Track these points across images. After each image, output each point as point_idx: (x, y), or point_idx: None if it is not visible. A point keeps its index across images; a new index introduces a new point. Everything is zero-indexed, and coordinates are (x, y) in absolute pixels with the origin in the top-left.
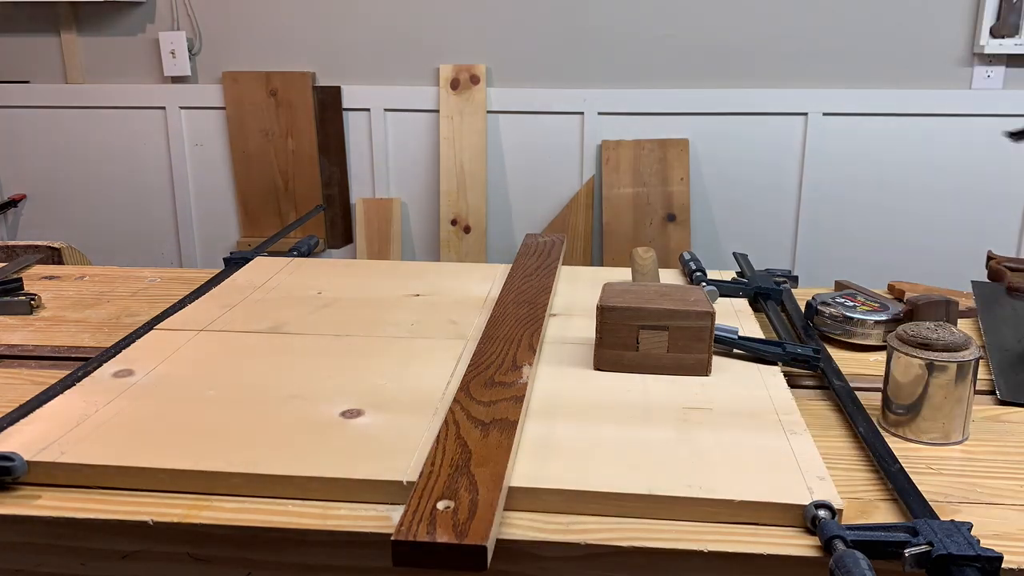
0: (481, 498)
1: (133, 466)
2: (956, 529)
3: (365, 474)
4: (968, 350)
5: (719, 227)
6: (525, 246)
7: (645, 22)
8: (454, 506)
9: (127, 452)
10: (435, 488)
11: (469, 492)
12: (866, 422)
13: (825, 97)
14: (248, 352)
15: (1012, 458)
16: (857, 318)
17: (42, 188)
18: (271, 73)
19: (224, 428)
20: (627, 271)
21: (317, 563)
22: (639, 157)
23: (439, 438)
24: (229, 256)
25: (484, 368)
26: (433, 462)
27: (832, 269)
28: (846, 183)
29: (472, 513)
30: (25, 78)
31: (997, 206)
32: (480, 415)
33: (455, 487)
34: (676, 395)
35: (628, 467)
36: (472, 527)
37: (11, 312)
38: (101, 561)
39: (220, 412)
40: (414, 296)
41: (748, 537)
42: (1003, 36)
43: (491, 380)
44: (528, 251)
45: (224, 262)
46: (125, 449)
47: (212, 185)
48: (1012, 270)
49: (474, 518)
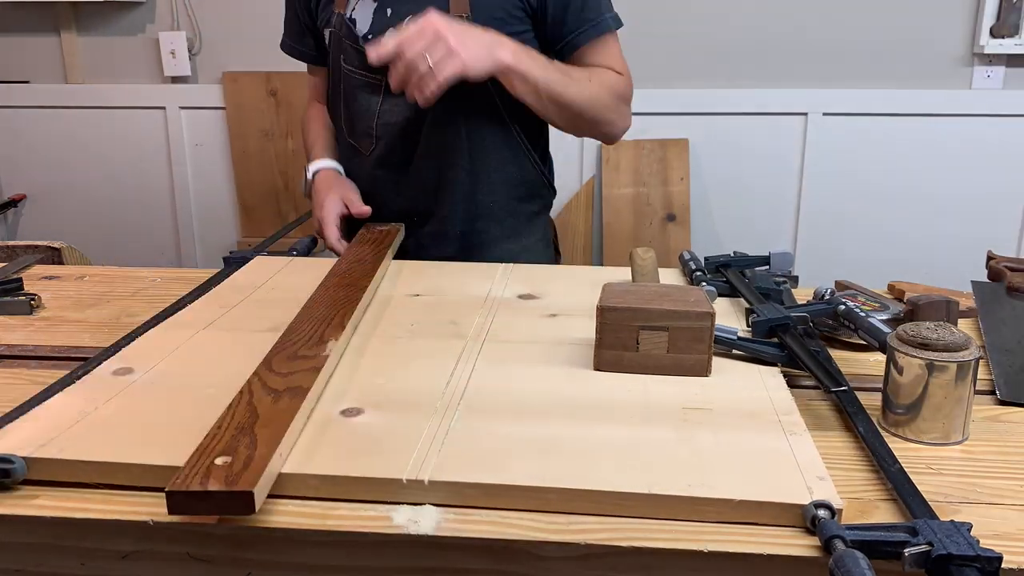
0: (258, 453)
1: (133, 463)
2: (956, 529)
3: (365, 472)
4: (968, 350)
5: (719, 227)
6: (360, 235)
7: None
8: (231, 460)
9: (127, 449)
10: (216, 447)
11: (248, 449)
12: (866, 422)
13: (825, 97)
14: (248, 352)
15: (1012, 458)
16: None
17: (42, 188)
18: (271, 73)
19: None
20: (627, 271)
21: (317, 563)
22: (639, 157)
23: (230, 405)
24: (229, 256)
25: (290, 345)
26: (220, 425)
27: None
28: (846, 183)
29: (246, 465)
30: (25, 78)
31: (997, 206)
32: (275, 384)
33: (235, 445)
34: (676, 395)
35: (628, 467)
36: (244, 477)
37: (11, 312)
38: (101, 561)
39: (220, 410)
40: (414, 296)
41: (748, 537)
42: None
43: (294, 354)
44: (363, 239)
45: (224, 262)
46: (125, 446)
47: (212, 185)
48: (1012, 270)
49: (247, 469)
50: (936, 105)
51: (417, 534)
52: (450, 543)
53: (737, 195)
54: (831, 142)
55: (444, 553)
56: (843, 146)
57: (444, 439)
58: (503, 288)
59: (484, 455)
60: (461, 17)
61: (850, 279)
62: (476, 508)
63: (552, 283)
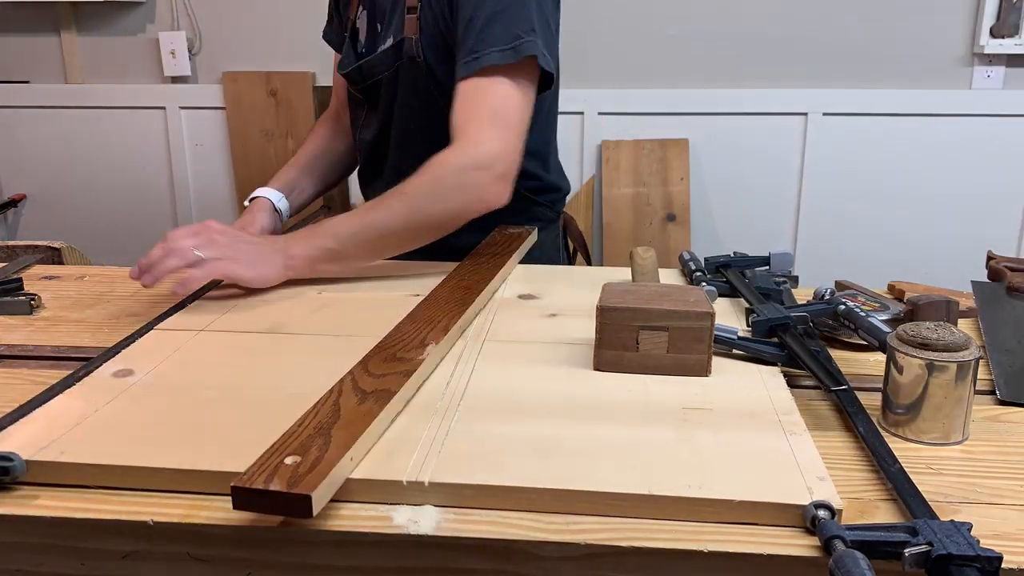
0: (327, 456)
1: (133, 465)
2: (956, 529)
3: (365, 474)
4: (968, 350)
5: (719, 227)
6: (491, 236)
7: (645, 22)
8: (300, 461)
9: (127, 452)
10: (290, 446)
11: (319, 450)
12: (866, 422)
13: (825, 97)
14: (248, 352)
15: (1012, 458)
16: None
17: (42, 188)
18: (271, 73)
19: (224, 428)
20: (627, 271)
21: (317, 563)
22: (639, 157)
23: (316, 404)
24: None
25: (391, 346)
26: (301, 423)
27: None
28: (846, 183)
29: (312, 467)
30: (25, 78)
31: (997, 206)
32: (365, 386)
33: (309, 446)
34: (676, 395)
35: (628, 467)
36: (306, 479)
37: (11, 312)
38: (101, 561)
39: (220, 412)
40: (414, 296)
41: (747, 537)
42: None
43: (392, 356)
44: (491, 241)
45: None
46: (125, 449)
47: (212, 185)
48: (1012, 270)
49: (312, 472)
50: (936, 105)
51: (417, 534)
52: (450, 543)
53: (737, 195)
54: (831, 142)
55: (444, 553)
56: (843, 146)
57: (444, 440)
58: (503, 288)
59: (484, 456)
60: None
61: (850, 279)
62: (476, 508)
63: (552, 283)
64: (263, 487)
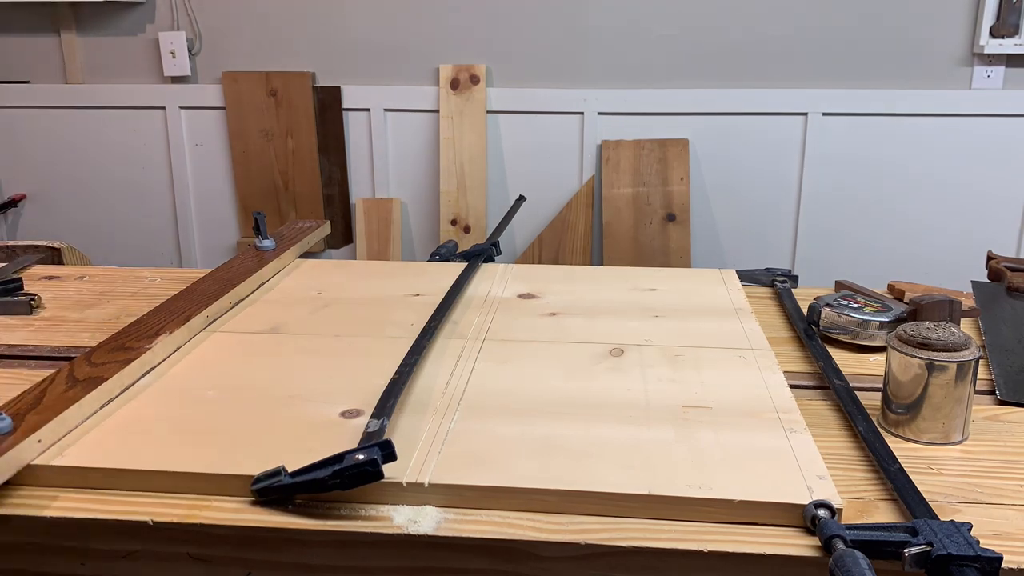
0: (11, 438)
1: (132, 469)
2: (956, 529)
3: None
4: (968, 350)
5: (719, 227)
6: (281, 229)
7: (645, 22)
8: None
9: (127, 454)
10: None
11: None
12: (866, 422)
13: (825, 97)
14: (248, 352)
15: (1012, 458)
16: (864, 320)
17: (42, 188)
18: (271, 73)
19: (224, 428)
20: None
21: (317, 563)
22: (639, 157)
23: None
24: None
25: (125, 336)
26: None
27: (832, 269)
28: (846, 183)
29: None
30: (25, 78)
31: (997, 206)
32: (80, 374)
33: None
34: (676, 394)
35: (628, 467)
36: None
37: (11, 312)
38: (101, 561)
39: (220, 412)
40: (414, 296)
41: (748, 537)
42: (1003, 36)
43: (120, 346)
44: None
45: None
46: (125, 451)
47: (212, 185)
48: (1012, 270)
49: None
50: (936, 105)
51: (417, 534)
52: (450, 543)
53: (737, 195)
54: (831, 142)
55: (444, 553)
56: (843, 146)
57: (444, 440)
58: (503, 288)
59: (484, 456)
60: None
61: (850, 279)
62: (476, 509)
63: (552, 283)
64: None
